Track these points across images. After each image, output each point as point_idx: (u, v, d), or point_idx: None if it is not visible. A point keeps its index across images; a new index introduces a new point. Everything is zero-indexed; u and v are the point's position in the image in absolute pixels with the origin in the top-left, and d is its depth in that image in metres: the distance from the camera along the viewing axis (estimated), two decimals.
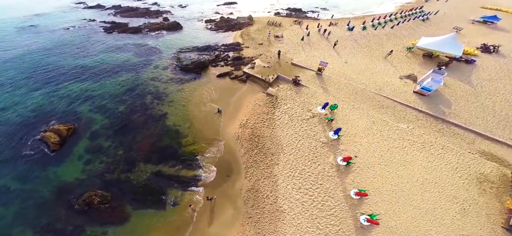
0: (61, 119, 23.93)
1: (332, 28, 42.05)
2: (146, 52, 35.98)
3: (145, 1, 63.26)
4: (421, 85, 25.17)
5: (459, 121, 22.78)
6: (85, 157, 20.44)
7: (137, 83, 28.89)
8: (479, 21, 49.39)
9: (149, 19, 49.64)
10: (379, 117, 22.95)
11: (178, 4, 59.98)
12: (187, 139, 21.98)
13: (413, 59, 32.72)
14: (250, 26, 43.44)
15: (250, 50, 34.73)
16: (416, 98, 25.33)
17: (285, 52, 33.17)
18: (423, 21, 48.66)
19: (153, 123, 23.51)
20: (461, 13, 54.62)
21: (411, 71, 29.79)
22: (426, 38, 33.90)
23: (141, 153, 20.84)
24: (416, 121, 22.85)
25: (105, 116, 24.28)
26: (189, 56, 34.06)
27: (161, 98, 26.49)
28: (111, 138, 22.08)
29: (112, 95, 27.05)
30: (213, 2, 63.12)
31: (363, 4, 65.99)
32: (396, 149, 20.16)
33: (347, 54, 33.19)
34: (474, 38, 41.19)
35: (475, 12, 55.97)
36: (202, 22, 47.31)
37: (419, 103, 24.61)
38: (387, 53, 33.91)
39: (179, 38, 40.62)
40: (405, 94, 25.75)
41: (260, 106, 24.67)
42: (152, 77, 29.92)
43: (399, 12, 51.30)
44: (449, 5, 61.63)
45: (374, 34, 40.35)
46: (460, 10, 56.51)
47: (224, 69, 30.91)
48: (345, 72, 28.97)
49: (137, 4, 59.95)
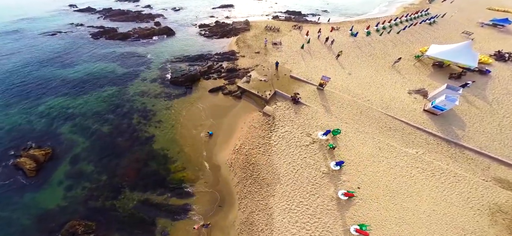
0: (39, 140, 22.10)
1: (335, 34, 39.71)
2: (134, 62, 33.77)
3: (137, 4, 60.89)
4: (433, 103, 22.93)
5: (473, 144, 20.69)
6: (66, 182, 19.00)
7: (123, 99, 26.84)
8: (488, 24, 46.97)
9: (140, 23, 47.33)
10: (386, 142, 20.95)
11: (171, 7, 57.55)
12: (176, 165, 20.26)
13: (422, 69, 30.43)
14: (246, 32, 41.07)
15: (246, 59, 32.43)
16: (426, 117, 23.17)
17: (283, 62, 30.89)
18: (430, 24, 46.32)
19: (139, 146, 21.70)
20: (468, 16, 52.18)
21: (421, 83, 27.57)
22: (437, 45, 31.52)
23: (127, 179, 19.30)
24: (427, 146, 20.80)
25: (87, 138, 22.48)
26: (180, 67, 31.97)
27: (148, 118, 24.49)
28: (94, 162, 20.42)
29: (96, 113, 25.10)
30: (208, 4, 60.70)
31: (364, 6, 63.37)
32: (404, 178, 18.36)
33: (351, 64, 30.90)
34: (485, 43, 38.83)
35: (482, 14, 53.59)
36: (196, 27, 44.97)
37: (430, 124, 22.48)
38: (394, 60, 31.77)
39: (170, 45, 38.36)
40: (415, 113, 23.59)
41: (256, 128, 22.57)
42: (140, 92, 27.82)
43: (404, 15, 48.72)
44: (454, 6, 59.43)
45: (379, 40, 38.00)
46: (467, 12, 54.13)
47: (217, 82, 28.68)
48: (349, 86, 26.74)
49: (128, 7, 57.67)
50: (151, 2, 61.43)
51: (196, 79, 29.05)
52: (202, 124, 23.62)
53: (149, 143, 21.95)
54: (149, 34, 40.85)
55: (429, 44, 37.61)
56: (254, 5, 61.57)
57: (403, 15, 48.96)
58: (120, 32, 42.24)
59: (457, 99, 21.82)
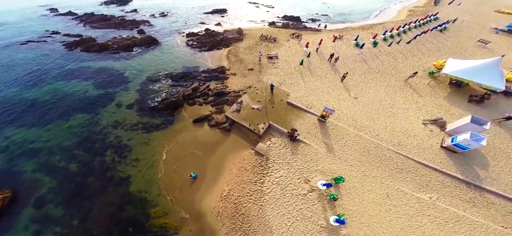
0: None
1: (338, 44, 35.70)
2: (110, 81, 29.72)
3: (123, 8, 56.29)
4: (454, 140, 19.40)
5: (497, 187, 17.62)
6: (32, 227, 16.41)
7: (94, 131, 23.07)
8: (503, 30, 43.22)
9: (122, 31, 42.96)
10: (395, 187, 17.79)
11: (160, 12, 53.05)
12: (156, 210, 17.33)
13: (438, 89, 26.67)
14: (239, 42, 36.93)
15: (237, 78, 28.43)
16: (444, 155, 19.72)
17: (280, 83, 26.94)
18: (441, 31, 42.45)
19: (113, 188, 18.60)
20: (479, 20, 48.70)
21: (437, 108, 23.94)
22: (455, 60, 27.66)
23: (100, 225, 16.66)
24: (442, 189, 17.72)
25: (53, 177, 19.29)
26: (161, 87, 28.06)
27: (124, 155, 20.90)
28: (63, 205, 17.66)
29: (63, 148, 21.48)
30: (200, 9, 56.24)
31: (367, 9, 59.59)
32: (412, 229, 15.68)
33: (357, 84, 27.06)
34: (503, 53, 34.97)
35: (491, 18, 50.28)
36: (183, 36, 40.71)
37: (448, 164, 19.12)
38: (409, 75, 28.41)
39: (153, 59, 34.22)
40: (431, 151, 20.11)
41: (247, 170, 19.05)
42: (114, 122, 23.96)
43: (412, 21, 44.73)
44: (462, 9, 56.43)
45: (388, 52, 34.13)
46: (477, 16, 50.93)
47: (203, 109, 24.84)
48: (355, 115, 23.07)
49: (113, 12, 53.06)
50: (138, 6, 56.96)
51: (179, 105, 25.17)
52: (184, 163, 20.06)
53: (125, 184, 18.87)
54: (130, 45, 36.57)
55: (442, 55, 34.18)
56: (249, 10, 57.33)
57: (411, 21, 44.96)
58: (98, 43, 37.86)
59: (485, 139, 18.23)
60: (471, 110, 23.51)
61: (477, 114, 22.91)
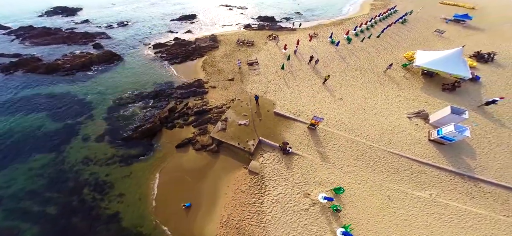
0: None
1: (314, 43, 35.47)
2: (68, 110, 25.03)
3: (72, 18, 48.67)
4: (440, 133, 20.13)
5: (488, 176, 18.53)
6: None
7: (63, 170, 19.51)
8: (451, 20, 48.15)
9: (74, 46, 36.77)
10: (395, 188, 17.73)
11: (118, 21, 47.09)
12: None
13: (413, 80, 27.97)
14: (214, 50, 34.29)
15: (218, 92, 26.03)
16: (434, 149, 20.34)
17: (264, 91, 25.39)
18: (402, 23, 45.46)
19: (103, 226, 16.52)
20: (430, 12, 53.97)
21: (417, 100, 25.05)
22: (423, 52, 29.35)
23: None
24: (440, 184, 18.09)
25: (32, 223, 16.78)
26: (132, 111, 24.45)
27: (105, 191, 18.14)
28: None
29: (31, 192, 18.16)
30: (165, 16, 51.56)
31: (334, 5, 61.75)
32: (420, 230, 15.66)
33: (340, 84, 26.92)
34: (458, 41, 38.74)
35: (438, 9, 56.53)
36: (150, 48, 36.46)
37: (439, 157, 19.72)
38: (386, 67, 29.60)
39: (116, 78, 29.74)
40: (420, 146, 20.62)
41: (243, 192, 17.46)
42: (84, 158, 20.28)
43: (377, 15, 47.12)
44: (413, 2, 62.12)
45: (362, 47, 35.03)
46: (427, 8, 56.52)
47: (185, 132, 22.16)
48: (343, 118, 22.73)
49: (58, 23, 45.57)
50: (90, 16, 50.02)
51: (157, 130, 22.10)
52: (175, 193, 17.87)
53: (115, 221, 16.70)
54: (86, 63, 31.26)
55: (410, 46, 36.36)
56: (222, 14, 54.50)
57: (376, 15, 47.33)
58: (44, 63, 31.61)
59: (468, 129, 19.06)
60: (446, 98, 25.02)
61: (452, 102, 24.50)
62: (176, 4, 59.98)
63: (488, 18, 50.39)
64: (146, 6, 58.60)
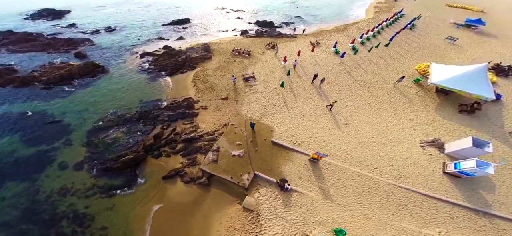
0: None
1: (317, 53, 32.54)
2: (44, 132, 22.68)
3: (58, 22, 45.77)
4: (458, 167, 17.96)
5: (506, 212, 16.71)
6: None
7: (37, 200, 17.76)
8: (462, 25, 45.26)
9: (54, 54, 33.99)
10: (402, 227, 15.89)
11: (105, 27, 44.15)
12: None
13: (427, 99, 25.54)
14: (207, 62, 31.57)
15: (209, 114, 23.56)
16: (448, 182, 18.26)
17: (261, 114, 22.97)
18: (411, 29, 42.48)
19: None
20: (438, 15, 51.92)
21: (431, 125, 22.79)
22: (438, 65, 27.00)
23: None
24: (451, 220, 16.30)
25: None
26: (113, 137, 22.15)
27: (85, 224, 16.50)
28: None
29: (3, 223, 16.58)
30: (157, 20, 48.63)
31: (335, 8, 59.19)
32: None
33: (346, 104, 24.64)
34: (472, 50, 35.88)
35: (447, 13, 54.27)
36: (137, 57, 33.91)
37: (453, 191, 17.73)
38: (397, 79, 27.57)
39: (98, 94, 27.29)
40: (433, 178, 18.53)
41: (237, 230, 15.71)
42: (60, 188, 18.32)
43: (384, 20, 44.15)
44: (419, 4, 60.23)
45: (369, 58, 32.55)
46: (434, 11, 54.07)
47: (172, 162, 20.03)
48: (348, 148, 20.51)
49: (42, 28, 42.78)
50: (77, 20, 47.29)
51: (141, 160, 19.98)
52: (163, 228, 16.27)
53: None
54: (65, 75, 28.43)
55: (421, 56, 34.04)
56: (217, 18, 51.64)
57: (383, 20, 44.33)
58: (19, 75, 28.86)
59: (491, 166, 16.83)
60: (463, 122, 22.86)
61: (470, 126, 22.54)
62: (170, 7, 57.22)
63: (500, 23, 47.50)
64: (138, 8, 55.87)
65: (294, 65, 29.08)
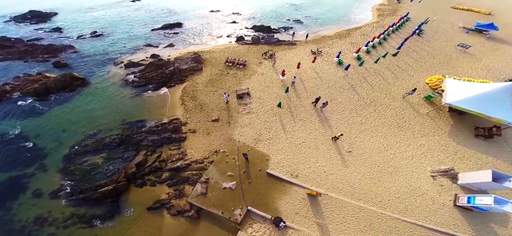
0: None
1: (318, 64, 30.83)
2: (14, 156, 21.34)
3: (41, 26, 44.46)
4: (472, 201, 16.66)
5: None
6: None
7: (12, 229, 16.81)
8: (472, 29, 43.69)
9: (31, 63, 32.35)
10: None
11: (91, 31, 42.71)
12: None
13: (439, 120, 24.10)
14: (197, 74, 30.04)
15: (198, 139, 22.21)
16: (460, 215, 17.06)
17: (256, 139, 21.60)
18: (418, 35, 40.71)
19: None
20: (446, 19, 50.77)
21: (444, 151, 21.33)
22: (453, 81, 25.65)
23: None
24: None
25: None
26: (92, 162, 20.73)
27: None
28: None
29: None
30: (147, 24, 47.33)
31: (337, 11, 57.91)
32: None
33: (349, 129, 23.13)
34: (487, 59, 34.10)
35: (454, 16, 53.13)
36: (121, 68, 32.50)
37: (463, 226, 16.56)
38: (407, 92, 26.45)
39: (76, 112, 25.79)
40: (443, 211, 17.34)
41: None
42: (36, 218, 17.35)
43: (390, 26, 42.50)
44: (423, 6, 59.16)
45: (376, 70, 31.31)
46: (441, 14, 52.59)
47: (157, 192, 18.79)
48: (352, 179, 19.16)
49: (23, 32, 41.56)
50: (64, 23, 46.07)
51: (123, 189, 18.77)
52: None
53: None
54: (40, 89, 26.70)
55: (430, 66, 33.17)
56: (211, 22, 50.19)
57: (389, 25, 42.59)
58: None
59: (510, 203, 15.46)
60: (480, 148, 21.54)
61: (488, 153, 21.37)
62: (163, 9, 56.13)
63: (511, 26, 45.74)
64: (129, 11, 54.83)
65: (293, 81, 27.50)
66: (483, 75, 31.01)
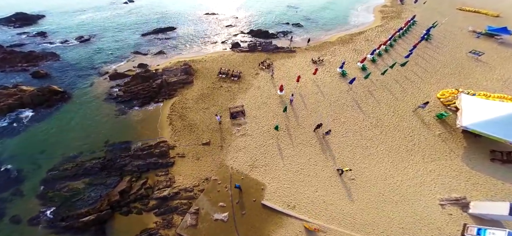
0: None
1: (320, 75, 29.81)
2: None
3: (26, 29, 43.88)
4: (483, 233, 15.66)
5: None
6: None
7: None
8: (482, 33, 42.82)
9: (9, 73, 31.93)
10: None
11: (78, 36, 41.67)
12: None
13: (451, 142, 23.24)
14: (187, 88, 29.23)
15: (188, 164, 21.52)
16: None
17: (251, 165, 20.83)
18: (427, 40, 39.52)
19: None
20: (454, 22, 49.80)
21: (455, 177, 20.21)
22: (469, 98, 24.57)
23: None
24: None
25: None
26: (72, 187, 19.76)
27: None
28: None
29: None
30: (137, 28, 46.46)
31: (338, 12, 57.28)
32: None
33: (352, 153, 21.91)
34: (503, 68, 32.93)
35: (460, 18, 52.67)
36: (106, 79, 31.58)
37: None
38: (419, 105, 25.57)
39: (55, 132, 24.66)
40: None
41: None
42: None
43: (396, 31, 41.58)
44: (428, 8, 58.81)
45: (382, 83, 30.55)
46: (447, 16, 51.65)
47: (144, 220, 18.07)
48: (353, 210, 18.14)
49: (5, 37, 40.42)
50: (50, 27, 45.26)
51: (107, 217, 18.05)
52: None
53: None
54: (14, 106, 25.56)
55: (441, 77, 32.29)
56: (206, 26, 49.16)
57: (396, 30, 41.50)
58: None
59: None
60: (496, 174, 20.40)
61: (504, 178, 20.21)
62: (156, 13, 55.43)
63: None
64: (120, 14, 54.36)
65: (291, 100, 26.37)
66: (499, 88, 30.11)
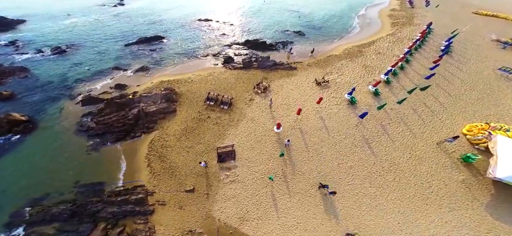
0: None
1: (325, 103, 27.80)
2: None
3: None
4: None
5: None
6: None
7: None
8: (509, 43, 40.28)
9: None
10: None
11: (53, 48, 39.32)
12: None
13: (476, 188, 20.86)
14: (169, 119, 26.76)
15: (169, 213, 19.35)
16: None
17: (241, 218, 19.30)
18: (447, 54, 36.71)
19: None
20: (474, 30, 46.66)
21: (475, 231, 17.92)
22: (506, 141, 21.64)
23: None
24: None
25: None
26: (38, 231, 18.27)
27: None
28: None
29: None
30: (121, 36, 44.54)
31: (343, 18, 55.12)
32: None
33: (358, 205, 19.53)
34: None
35: (478, 24, 50.17)
36: (78, 104, 29.22)
37: None
38: (447, 139, 23.72)
39: (17, 169, 22.29)
40: None
41: None
42: None
43: (414, 42, 39.73)
44: (441, 11, 56.75)
45: (399, 114, 27.56)
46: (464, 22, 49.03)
47: None
48: None
49: None
50: (27, 34, 43.37)
51: None
52: None
53: None
54: None
55: (466, 104, 29.06)
56: (197, 36, 46.65)
57: (413, 42, 38.99)
58: None
59: None
60: None
61: None
62: (145, 17, 53.82)
63: None
64: (106, 18, 52.90)
65: (286, 144, 23.33)
66: None
